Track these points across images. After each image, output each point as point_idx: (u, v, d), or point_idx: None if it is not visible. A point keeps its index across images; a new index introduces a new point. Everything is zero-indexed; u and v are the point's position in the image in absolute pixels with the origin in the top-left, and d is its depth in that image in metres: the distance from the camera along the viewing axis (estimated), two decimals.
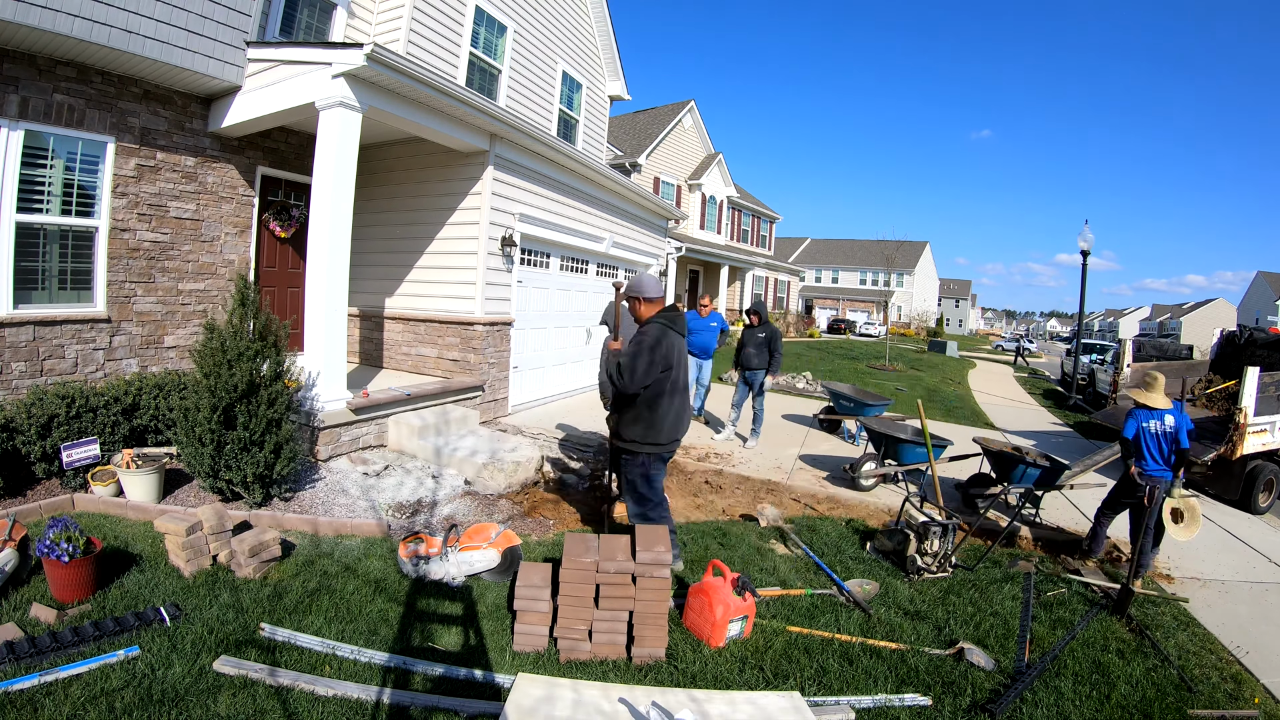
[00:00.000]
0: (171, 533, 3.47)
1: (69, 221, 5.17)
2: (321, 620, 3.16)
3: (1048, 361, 32.06)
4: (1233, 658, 3.63)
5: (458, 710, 2.61)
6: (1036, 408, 13.67)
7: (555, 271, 8.63)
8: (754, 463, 6.69)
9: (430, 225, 7.22)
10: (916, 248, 52.80)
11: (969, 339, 53.71)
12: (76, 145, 5.13)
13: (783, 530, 4.84)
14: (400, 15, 7.37)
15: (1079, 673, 3.27)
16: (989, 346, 45.11)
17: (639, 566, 3.08)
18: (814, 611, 3.67)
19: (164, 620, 2.96)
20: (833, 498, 5.85)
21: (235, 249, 6.41)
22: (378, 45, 4.74)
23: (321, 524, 4.28)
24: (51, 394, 4.44)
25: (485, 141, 6.65)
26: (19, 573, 3.24)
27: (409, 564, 3.70)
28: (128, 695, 2.46)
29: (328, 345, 5.27)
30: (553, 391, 8.69)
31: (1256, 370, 6.52)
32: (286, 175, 6.87)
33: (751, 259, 25.32)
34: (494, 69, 9.04)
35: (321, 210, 5.16)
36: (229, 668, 2.69)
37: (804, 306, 43.70)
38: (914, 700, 2.91)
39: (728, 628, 3.23)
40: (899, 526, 4.57)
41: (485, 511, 4.88)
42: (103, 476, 4.36)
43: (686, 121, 23.13)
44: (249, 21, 5.68)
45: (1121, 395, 8.43)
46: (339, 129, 5.10)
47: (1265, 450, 6.78)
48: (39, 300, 5.07)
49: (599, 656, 3.08)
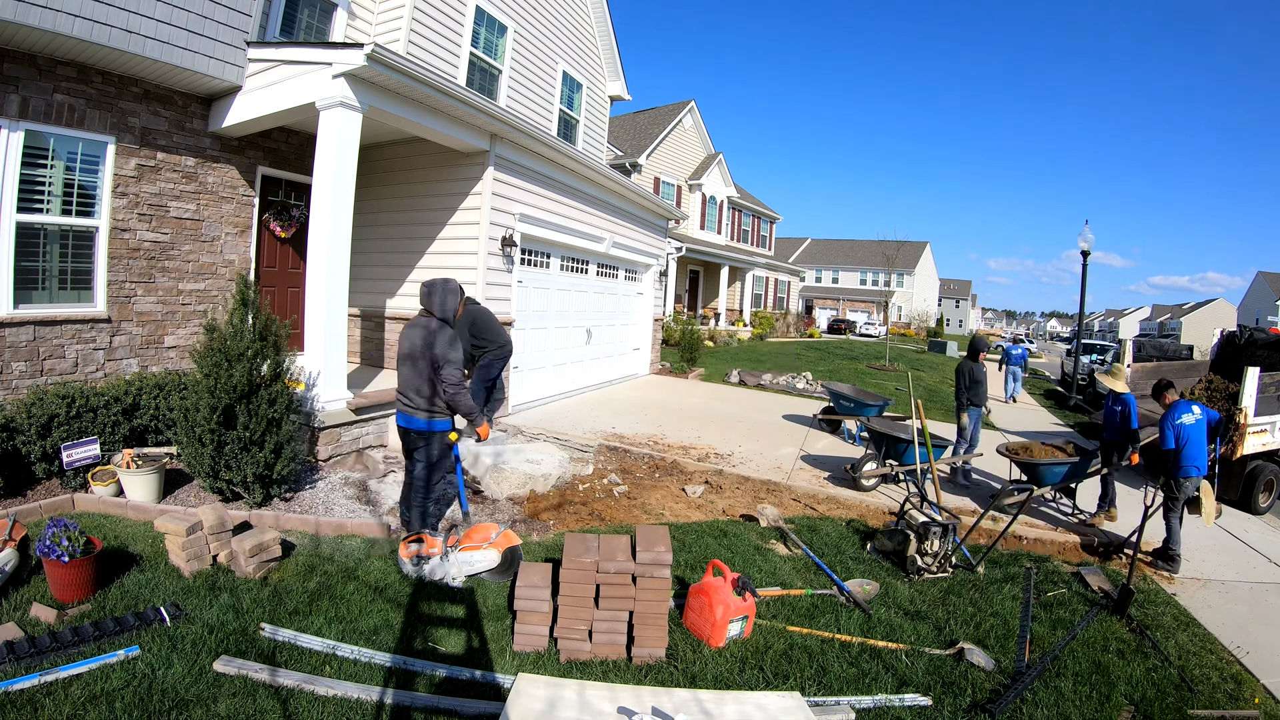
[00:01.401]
0: (172, 533, 3.47)
1: (69, 221, 5.17)
2: (322, 620, 3.16)
3: (1048, 362, 32.05)
4: (1233, 658, 3.63)
5: (458, 710, 2.61)
6: (1037, 408, 13.67)
7: (555, 272, 8.63)
8: (754, 463, 6.69)
9: (431, 225, 7.22)
10: (917, 248, 52.80)
11: (969, 339, 53.68)
12: (77, 145, 5.13)
13: (783, 530, 4.84)
14: (400, 15, 7.37)
15: (1079, 673, 3.27)
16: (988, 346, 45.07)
17: (639, 566, 3.08)
18: (814, 612, 3.67)
19: (164, 620, 2.96)
20: (833, 498, 5.85)
21: (235, 249, 6.41)
22: (378, 45, 4.74)
23: (322, 524, 4.28)
24: (52, 394, 4.44)
25: (485, 141, 6.65)
26: (19, 573, 3.24)
27: (410, 564, 3.70)
28: (128, 695, 2.46)
29: (328, 345, 5.27)
30: (553, 392, 8.69)
31: (1256, 370, 6.52)
32: (287, 175, 6.87)
33: (752, 259, 25.32)
34: (494, 69, 9.05)
35: (322, 210, 5.16)
36: (229, 668, 2.69)
37: (804, 307, 43.70)
38: (914, 700, 2.91)
39: (728, 628, 3.23)
40: (899, 527, 4.57)
41: (486, 512, 4.88)
42: (103, 476, 4.37)
43: (687, 122, 23.14)
44: (249, 21, 5.69)
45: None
46: (339, 129, 5.10)
47: (1265, 450, 6.78)
48: (39, 300, 5.07)
49: (599, 656, 3.08)
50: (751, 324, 24.77)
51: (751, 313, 25.67)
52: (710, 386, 11.74)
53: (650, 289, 11.79)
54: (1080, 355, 15.41)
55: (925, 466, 5.81)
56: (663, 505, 5.31)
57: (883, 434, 6.16)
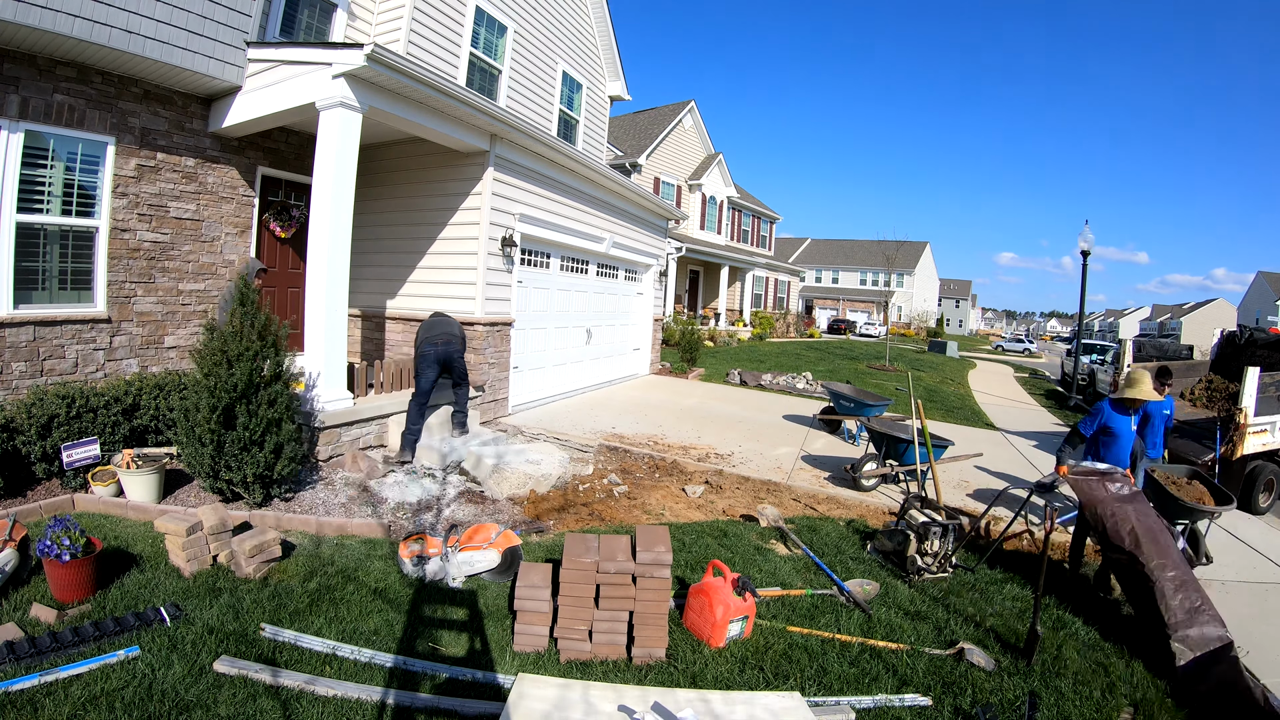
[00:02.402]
0: (172, 533, 3.47)
1: (69, 222, 5.17)
2: (322, 621, 3.16)
3: (1048, 362, 32.06)
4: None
5: (459, 710, 2.60)
6: (1037, 408, 13.66)
7: (555, 272, 8.63)
8: (754, 463, 6.69)
9: (431, 225, 7.22)
10: (917, 248, 52.82)
11: (969, 339, 53.74)
12: (77, 145, 5.13)
13: (783, 530, 4.84)
14: (400, 15, 7.37)
15: (1079, 673, 3.27)
16: (989, 347, 45.12)
17: (639, 566, 3.08)
18: (814, 612, 3.67)
19: (164, 620, 2.96)
20: (833, 498, 5.85)
21: (235, 249, 6.41)
22: (378, 45, 4.74)
23: (322, 524, 4.28)
24: (52, 394, 4.44)
25: (485, 142, 6.65)
26: (19, 573, 3.24)
27: (410, 564, 3.70)
28: (128, 696, 2.46)
29: (328, 345, 5.27)
30: (553, 392, 8.69)
31: (1257, 370, 6.52)
32: (287, 175, 6.87)
33: (752, 259, 25.33)
34: (494, 69, 9.05)
35: (322, 210, 5.16)
36: (229, 668, 2.69)
37: (804, 307, 43.74)
38: (914, 700, 2.91)
39: (728, 628, 3.23)
40: (899, 527, 4.57)
41: (487, 512, 4.88)
42: (103, 476, 4.36)
43: (687, 122, 23.14)
44: (249, 22, 5.69)
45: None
46: (339, 129, 5.10)
47: (1265, 450, 6.77)
48: (39, 300, 5.07)
49: (599, 656, 3.08)
50: (751, 324, 24.77)
51: (751, 313, 25.68)
52: (710, 386, 11.74)
53: (650, 289, 11.79)
54: (1080, 355, 15.41)
55: (925, 466, 5.81)
56: (663, 505, 5.31)
57: (883, 434, 6.16)
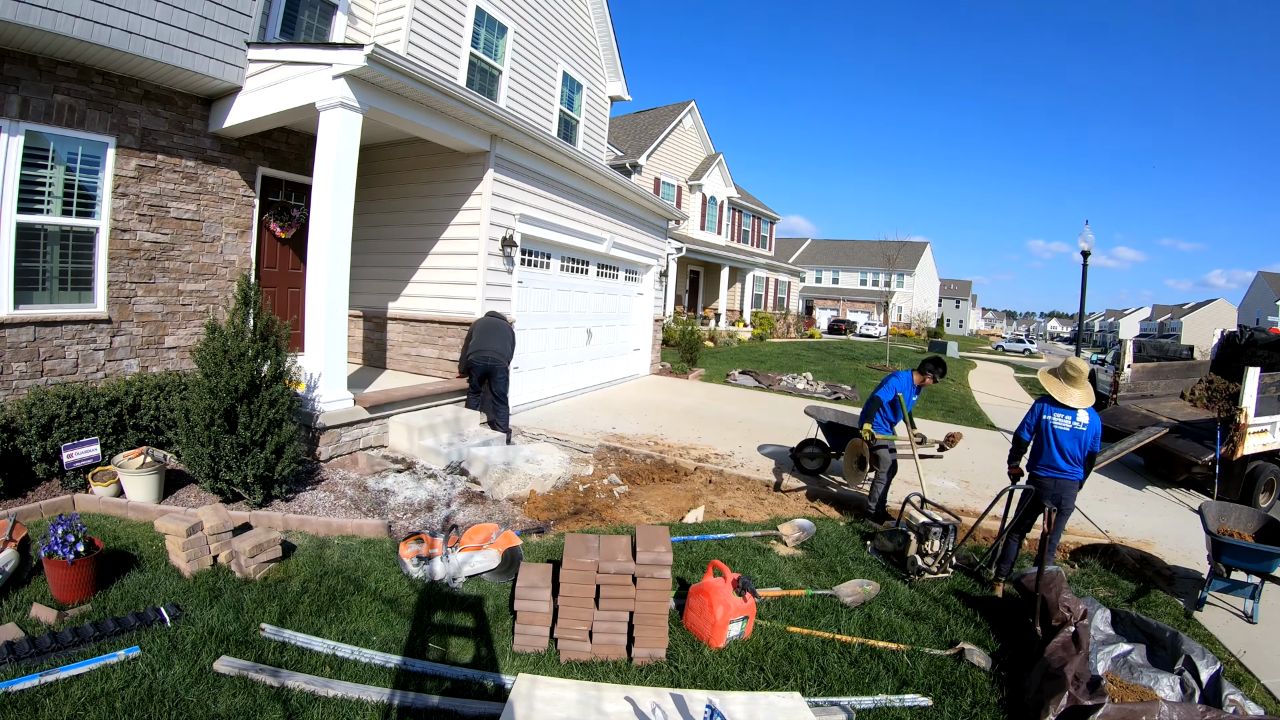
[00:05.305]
0: (172, 533, 3.47)
1: (69, 222, 5.17)
2: (322, 621, 3.16)
3: (1048, 362, 32.05)
4: (1233, 658, 3.63)
5: (459, 710, 2.61)
6: None
7: (556, 272, 8.63)
8: (755, 463, 6.69)
9: (431, 226, 7.22)
10: (917, 248, 52.81)
11: (969, 339, 53.73)
12: (77, 146, 5.13)
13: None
14: (400, 16, 7.37)
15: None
16: (989, 347, 45.11)
17: (639, 567, 3.08)
18: (814, 612, 3.67)
19: (164, 621, 2.97)
20: (834, 498, 5.84)
21: (236, 249, 6.41)
22: (378, 46, 4.75)
23: (322, 525, 4.28)
24: (52, 394, 4.44)
25: (486, 142, 6.65)
26: (19, 573, 3.24)
27: (410, 564, 3.70)
28: (128, 696, 2.46)
29: (328, 346, 5.27)
30: (553, 392, 8.69)
31: (1257, 371, 6.52)
32: (287, 176, 6.87)
33: (752, 260, 25.33)
34: (494, 69, 9.05)
35: (322, 211, 5.16)
36: (229, 668, 2.69)
37: (804, 307, 43.73)
38: (914, 701, 2.91)
39: (728, 628, 3.23)
40: (899, 527, 4.57)
41: (487, 512, 4.88)
42: (103, 477, 4.36)
43: (687, 122, 23.14)
44: (249, 22, 5.69)
45: (1122, 396, 8.43)
46: (339, 129, 5.10)
47: (1266, 451, 6.77)
48: (40, 300, 5.07)
49: (599, 657, 3.08)
50: (752, 324, 24.77)
51: (752, 313, 25.68)
52: (710, 387, 11.74)
53: (650, 289, 11.79)
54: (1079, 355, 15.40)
55: (909, 454, 5.80)
56: (663, 505, 5.31)
57: (834, 424, 6.24)
